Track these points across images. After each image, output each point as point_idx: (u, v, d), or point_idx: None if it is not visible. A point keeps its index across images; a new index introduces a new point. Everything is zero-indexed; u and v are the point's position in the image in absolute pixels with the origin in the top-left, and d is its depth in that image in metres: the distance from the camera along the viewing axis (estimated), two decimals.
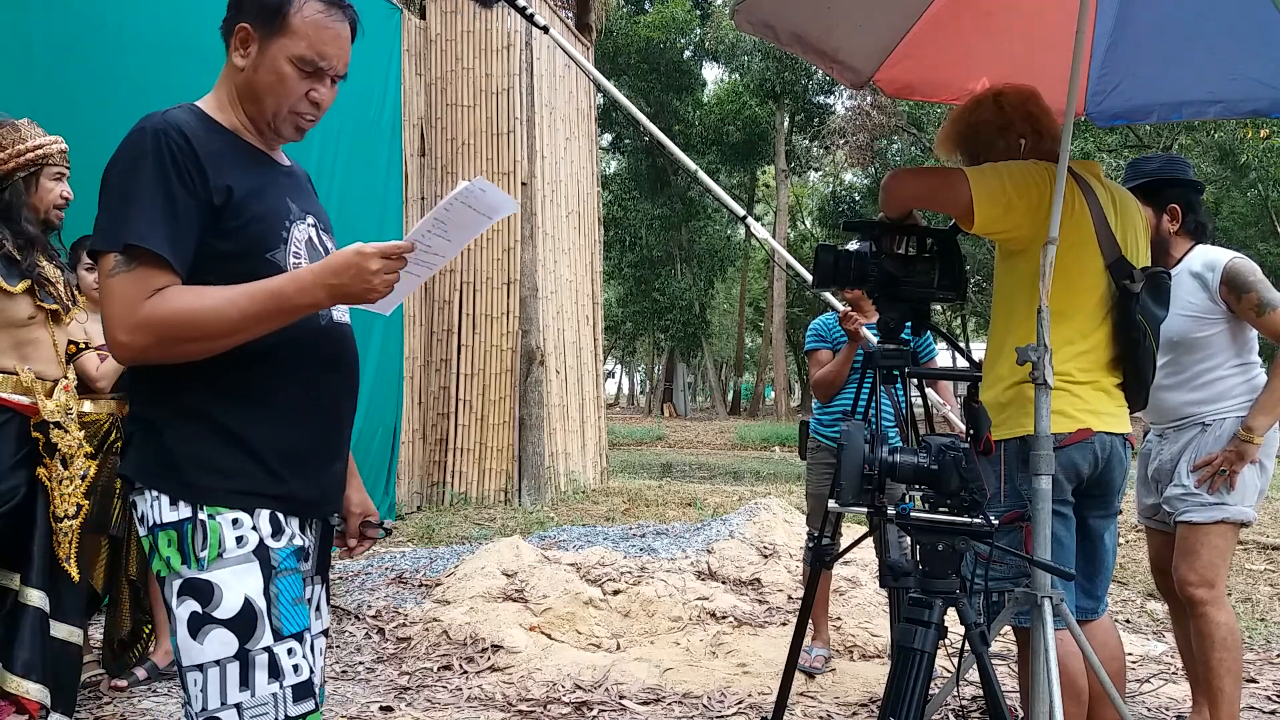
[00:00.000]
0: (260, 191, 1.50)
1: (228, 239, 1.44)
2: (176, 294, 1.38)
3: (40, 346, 2.80)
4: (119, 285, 1.38)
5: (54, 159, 2.81)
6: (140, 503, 1.46)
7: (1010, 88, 2.34)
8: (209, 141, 1.47)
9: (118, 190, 1.44)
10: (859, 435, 1.88)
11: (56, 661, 2.77)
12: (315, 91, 1.56)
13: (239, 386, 1.45)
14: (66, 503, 2.79)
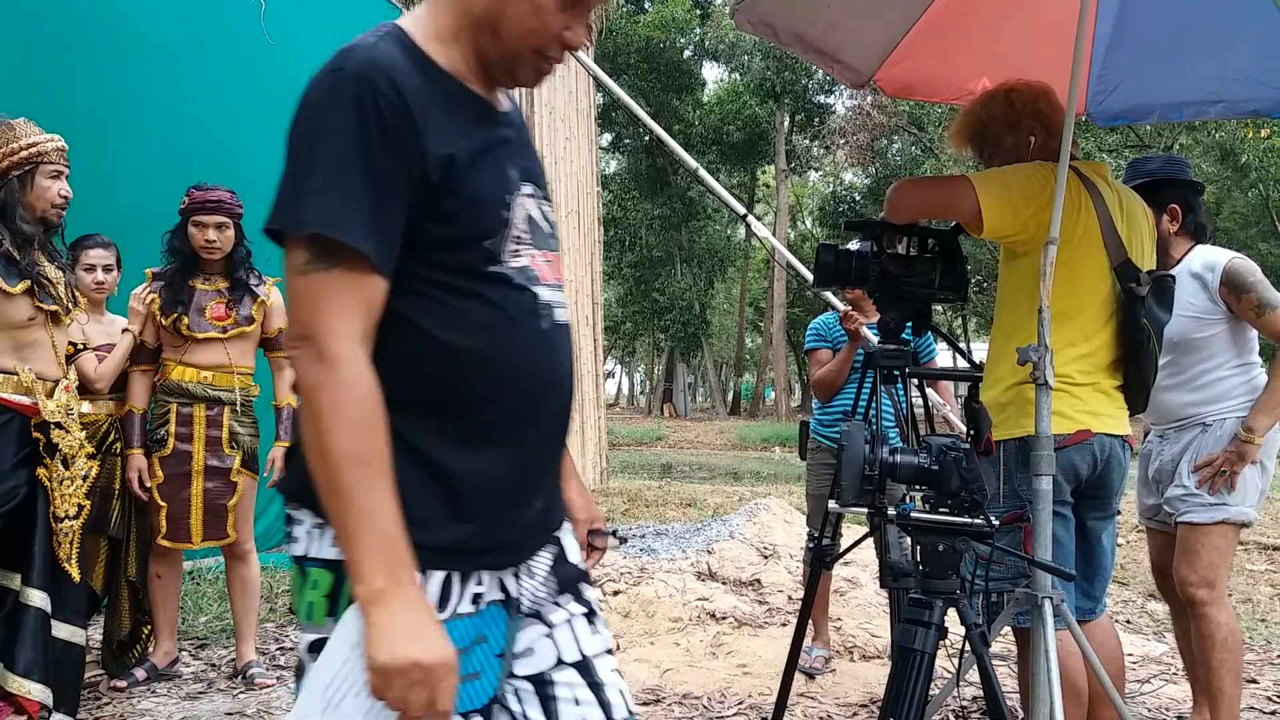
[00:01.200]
0: (483, 159, 1.15)
1: (442, 223, 1.10)
2: (367, 380, 1.05)
3: (40, 348, 2.80)
4: (319, 288, 1.04)
5: (50, 157, 2.80)
6: (298, 525, 1.14)
7: (1023, 84, 2.33)
8: (425, 92, 1.09)
9: (303, 153, 1.09)
10: (859, 436, 1.88)
11: (59, 662, 2.78)
12: (571, 30, 1.20)
13: (443, 405, 1.13)
14: (67, 503, 2.80)
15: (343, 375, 1.03)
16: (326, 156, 1.06)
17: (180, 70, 4.89)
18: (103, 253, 3.35)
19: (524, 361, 1.15)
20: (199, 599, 4.23)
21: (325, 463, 1.02)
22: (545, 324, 1.18)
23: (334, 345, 1.03)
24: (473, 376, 1.12)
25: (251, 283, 3.46)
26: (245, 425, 3.41)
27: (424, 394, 1.11)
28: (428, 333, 1.11)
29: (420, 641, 1.00)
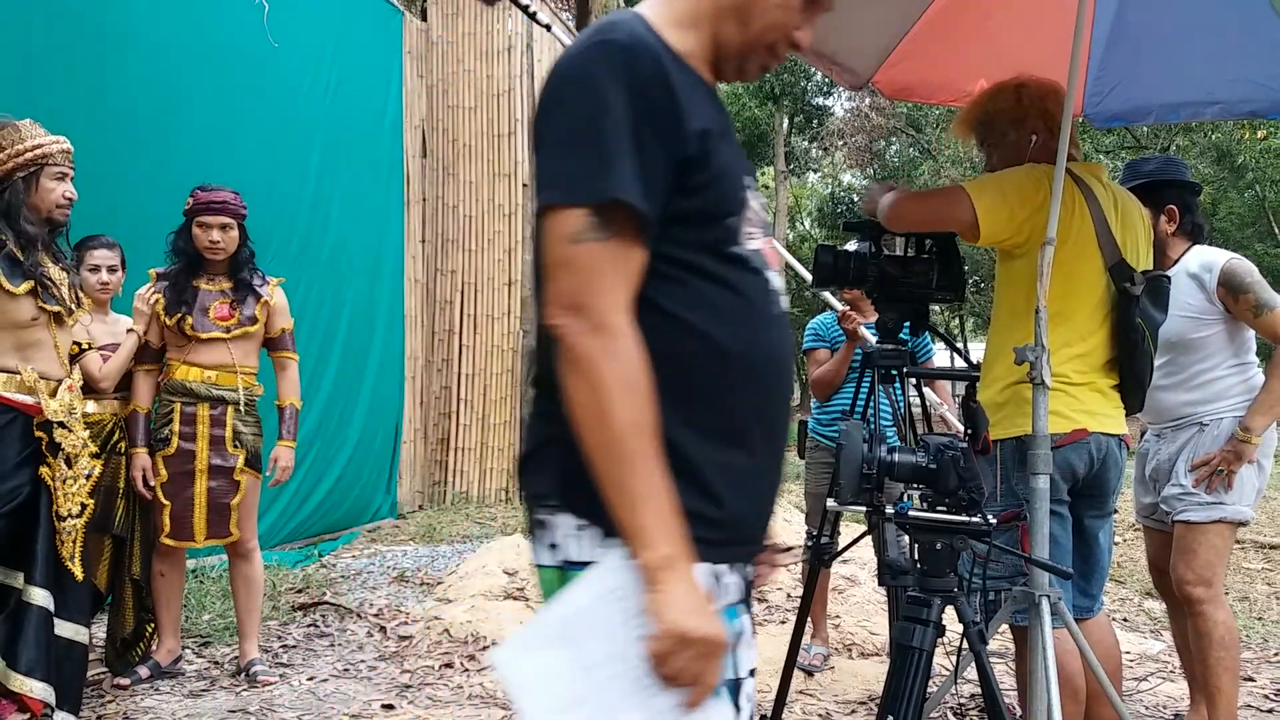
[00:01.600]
0: (724, 137, 1.13)
1: (691, 196, 1.08)
2: (641, 351, 1.02)
3: (43, 348, 2.81)
4: (595, 259, 1.02)
5: (55, 159, 2.80)
6: (556, 529, 1.09)
7: (1034, 81, 2.33)
8: (677, 71, 1.09)
9: (579, 123, 1.04)
10: (857, 434, 1.89)
11: (62, 660, 2.78)
12: (801, 31, 1.21)
13: (694, 394, 1.08)
14: (70, 502, 2.81)
15: (621, 346, 1.01)
16: (606, 126, 1.02)
17: (183, 71, 4.91)
18: (107, 253, 3.36)
19: (767, 348, 1.13)
20: (202, 597, 4.25)
21: (608, 433, 0.99)
22: (776, 310, 1.17)
23: (612, 316, 1.01)
24: (721, 361, 1.09)
25: (255, 283, 3.48)
26: (248, 425, 3.43)
27: (675, 383, 1.06)
28: (675, 317, 1.08)
29: (706, 616, 1.00)
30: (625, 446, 0.99)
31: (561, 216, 1.02)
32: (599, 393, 1.00)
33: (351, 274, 6.39)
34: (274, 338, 3.53)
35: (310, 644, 3.86)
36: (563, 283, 1.03)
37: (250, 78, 5.38)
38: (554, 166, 1.04)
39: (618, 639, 1.01)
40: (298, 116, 5.84)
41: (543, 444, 1.11)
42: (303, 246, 5.82)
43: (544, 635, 1.04)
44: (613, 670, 1.01)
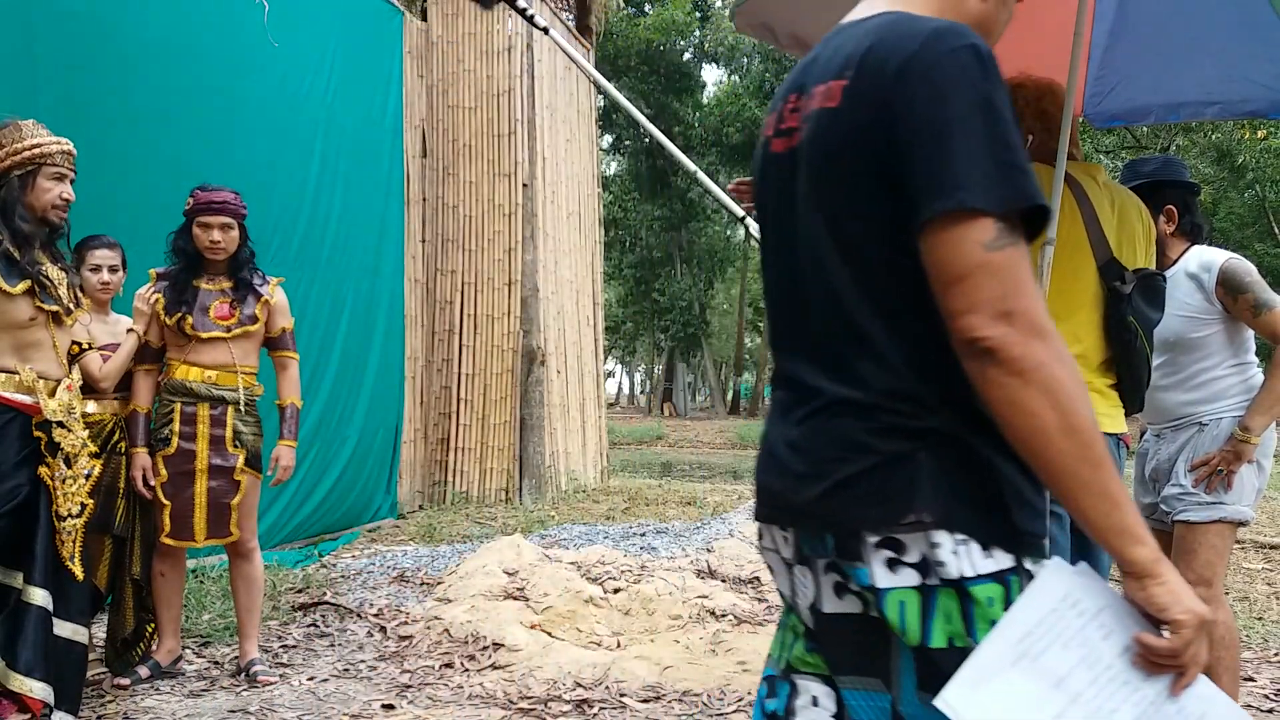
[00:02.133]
0: None
1: None
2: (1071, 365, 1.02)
3: (41, 348, 2.81)
4: (1011, 264, 0.99)
5: (54, 159, 2.80)
6: (920, 548, 1.04)
7: (1031, 81, 2.33)
8: None
9: (975, 127, 1.00)
10: None
11: (61, 660, 2.78)
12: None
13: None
14: (70, 502, 2.81)
15: (1062, 348, 1.00)
16: (1001, 129, 1.01)
17: (183, 72, 4.91)
18: (108, 253, 3.36)
19: None
20: (202, 597, 4.25)
21: (1080, 436, 0.97)
22: None
23: (1044, 320, 1.00)
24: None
25: (255, 282, 3.48)
26: (249, 424, 3.43)
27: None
28: None
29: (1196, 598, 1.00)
30: (1096, 449, 0.98)
31: (977, 221, 0.99)
32: (1061, 399, 0.98)
33: (351, 274, 6.39)
34: (274, 337, 3.53)
35: (310, 644, 3.86)
36: (986, 290, 0.98)
37: (250, 78, 5.38)
38: (962, 170, 0.99)
39: (1089, 642, 1.00)
40: (298, 116, 5.84)
41: (891, 461, 1.05)
42: (303, 246, 5.82)
43: (996, 662, 0.99)
44: (1090, 675, 1.00)
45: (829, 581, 1.14)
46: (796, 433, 1.14)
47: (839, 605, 1.14)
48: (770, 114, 1.25)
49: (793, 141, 1.16)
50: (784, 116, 1.20)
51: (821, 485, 1.09)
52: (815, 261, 1.13)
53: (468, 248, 8.23)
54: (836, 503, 1.08)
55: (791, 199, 1.17)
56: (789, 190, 1.17)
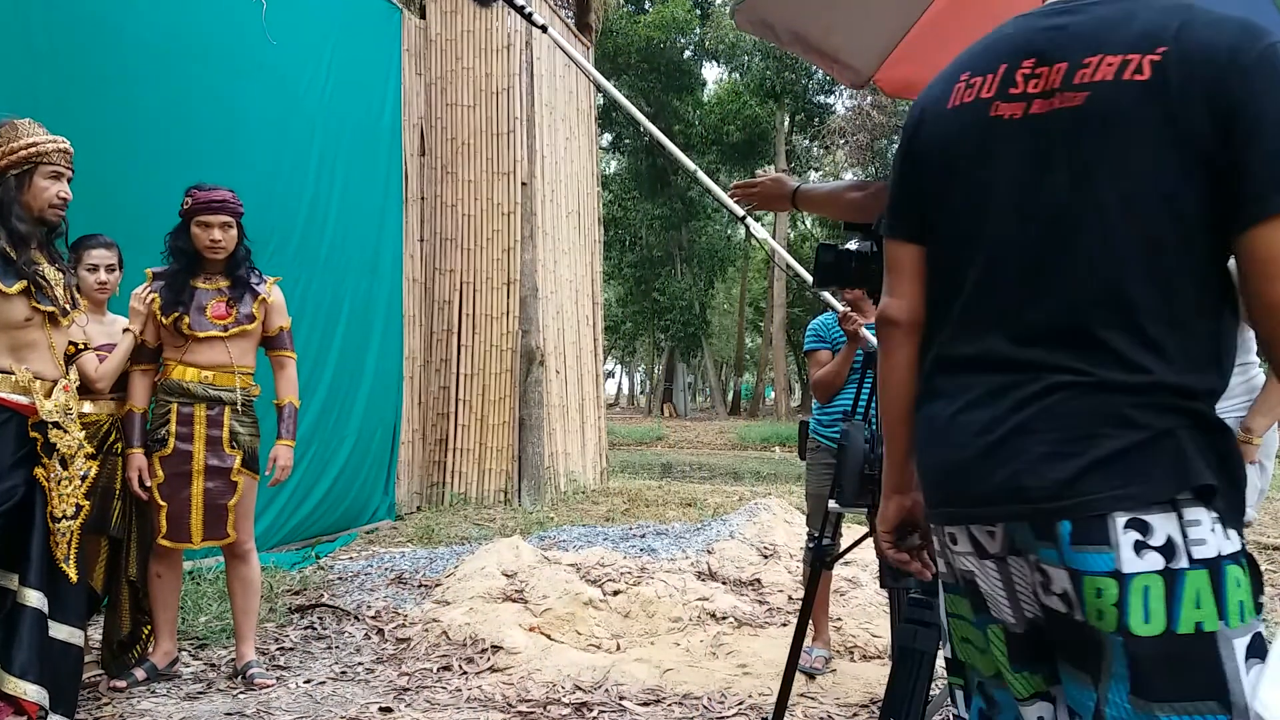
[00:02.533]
0: None
1: None
2: None
3: (37, 348, 2.79)
4: None
5: (51, 158, 2.77)
6: (1194, 528, 1.05)
7: None
8: None
9: None
10: (859, 435, 1.88)
11: (56, 663, 2.76)
12: None
13: None
14: (65, 503, 2.79)
15: None
16: None
17: (181, 70, 4.89)
18: (105, 253, 3.34)
19: None
20: (199, 599, 4.23)
21: None
22: None
23: None
24: None
25: (252, 281, 3.46)
26: (246, 425, 3.41)
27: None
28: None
29: None
30: None
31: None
32: None
33: (350, 273, 6.37)
34: (272, 336, 3.50)
35: (307, 646, 3.84)
36: None
37: (248, 76, 5.36)
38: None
39: None
40: (296, 115, 5.82)
41: (1158, 437, 1.06)
42: (301, 245, 5.80)
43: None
44: None
45: (1038, 576, 1.14)
46: (1026, 414, 1.13)
47: (1051, 600, 1.14)
48: (974, 78, 1.22)
49: (1053, 104, 1.15)
50: (1015, 81, 1.18)
51: (1073, 465, 1.07)
52: (1080, 232, 1.12)
53: (466, 247, 8.21)
54: (1089, 483, 1.07)
55: (1045, 165, 1.15)
56: (1044, 155, 1.16)
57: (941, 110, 1.25)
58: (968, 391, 1.19)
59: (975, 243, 1.22)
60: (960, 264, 1.23)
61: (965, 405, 1.19)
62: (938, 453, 1.23)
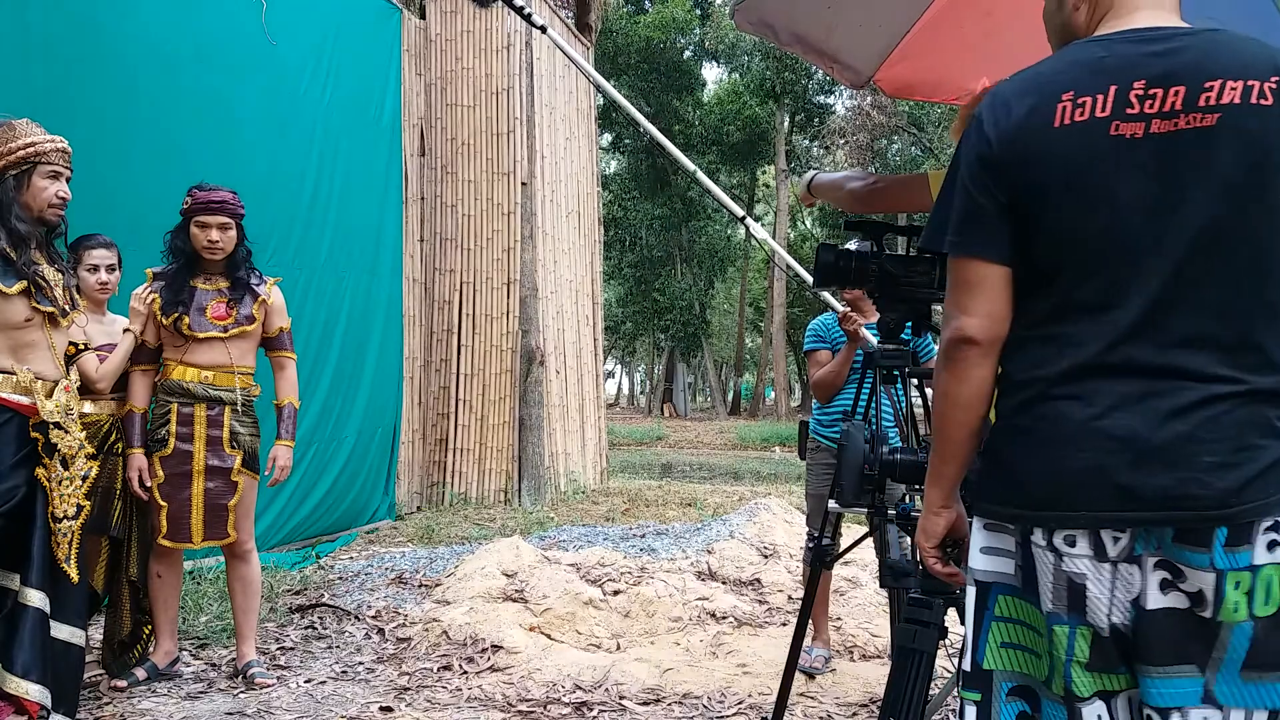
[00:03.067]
0: None
1: None
2: None
3: (37, 348, 2.79)
4: None
5: (49, 157, 2.77)
6: None
7: None
8: None
9: None
10: (859, 435, 1.88)
11: (58, 663, 2.76)
12: None
13: None
14: (66, 503, 2.79)
15: None
16: None
17: (181, 70, 4.89)
18: (105, 253, 3.35)
19: None
20: (199, 598, 4.23)
21: None
22: None
23: None
24: None
25: (252, 282, 3.46)
26: (246, 425, 3.41)
27: None
28: None
29: None
30: None
31: None
32: None
33: (349, 273, 6.37)
34: (272, 337, 3.51)
35: (308, 646, 3.84)
36: None
37: (248, 76, 5.36)
38: None
39: None
40: (296, 115, 5.82)
41: None
42: (300, 245, 5.80)
43: None
44: None
45: (1156, 579, 1.22)
46: (1190, 424, 1.21)
47: (1162, 601, 1.22)
48: (1082, 98, 1.27)
49: (1177, 124, 1.24)
50: (1130, 101, 1.25)
51: (1237, 475, 1.18)
52: (1230, 243, 1.22)
53: (466, 247, 8.21)
54: (1250, 492, 1.18)
55: (1181, 182, 1.24)
56: (1177, 172, 1.24)
57: (1047, 129, 1.28)
58: (1105, 396, 1.24)
59: (1103, 255, 1.27)
60: (1084, 275, 1.28)
61: (1105, 410, 1.24)
62: (1068, 456, 1.25)
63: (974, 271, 1.34)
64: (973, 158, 1.33)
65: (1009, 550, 1.33)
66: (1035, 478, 1.28)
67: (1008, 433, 1.33)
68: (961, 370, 1.34)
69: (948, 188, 1.36)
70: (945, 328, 1.36)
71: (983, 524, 1.36)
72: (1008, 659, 1.34)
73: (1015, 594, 1.33)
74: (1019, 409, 1.32)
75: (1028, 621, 1.32)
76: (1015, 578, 1.32)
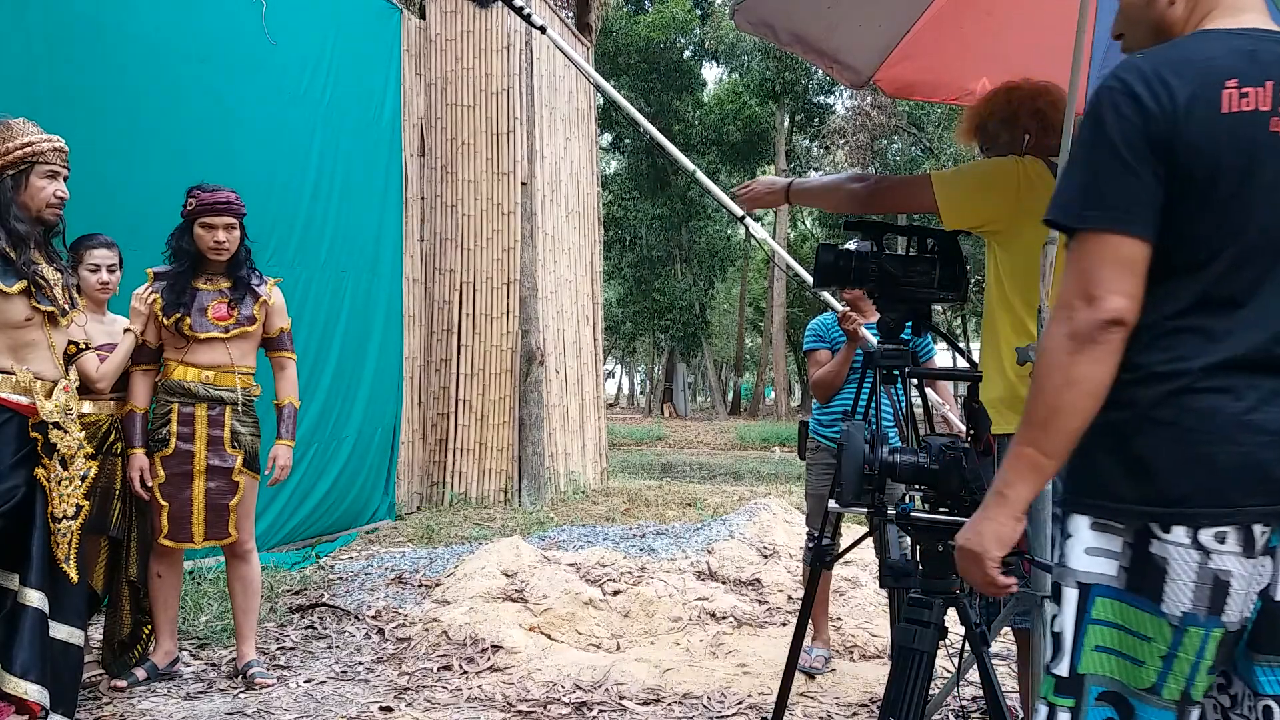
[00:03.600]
0: None
1: None
2: None
3: (37, 348, 2.79)
4: None
5: (46, 156, 2.76)
6: None
7: (1026, 82, 2.35)
8: None
9: None
10: (859, 435, 1.88)
11: (57, 662, 2.76)
12: None
13: None
14: (65, 503, 2.79)
15: None
16: None
17: (181, 70, 4.89)
18: (106, 252, 3.35)
19: None
20: (199, 598, 4.23)
21: None
22: None
23: None
24: None
25: (253, 282, 3.46)
26: (247, 425, 3.41)
27: None
28: None
29: None
30: None
31: None
32: None
33: (349, 273, 6.37)
34: (272, 338, 3.51)
35: (308, 646, 3.84)
36: None
37: (248, 76, 5.36)
38: None
39: None
40: (296, 115, 5.82)
41: None
42: (300, 245, 5.80)
43: None
44: None
45: None
46: None
47: None
48: (1246, 88, 1.27)
49: None
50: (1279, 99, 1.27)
51: None
52: None
53: (466, 247, 8.21)
54: None
55: None
56: None
57: (1215, 114, 1.26)
58: (1254, 391, 1.24)
59: (1260, 249, 1.27)
60: (1238, 267, 1.27)
61: (1256, 404, 1.24)
62: (1221, 450, 1.24)
63: (1121, 249, 1.25)
64: (1131, 132, 1.26)
65: (1114, 551, 1.27)
66: (1180, 473, 1.24)
67: (1143, 426, 1.26)
68: (1103, 355, 1.25)
69: (1082, 164, 1.29)
70: (1077, 310, 1.26)
71: (1090, 522, 1.30)
72: (1100, 663, 1.29)
73: (1117, 596, 1.28)
74: (1160, 402, 1.26)
75: (1129, 626, 1.27)
76: (1118, 580, 1.27)
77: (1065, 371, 1.26)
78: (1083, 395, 1.27)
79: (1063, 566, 1.33)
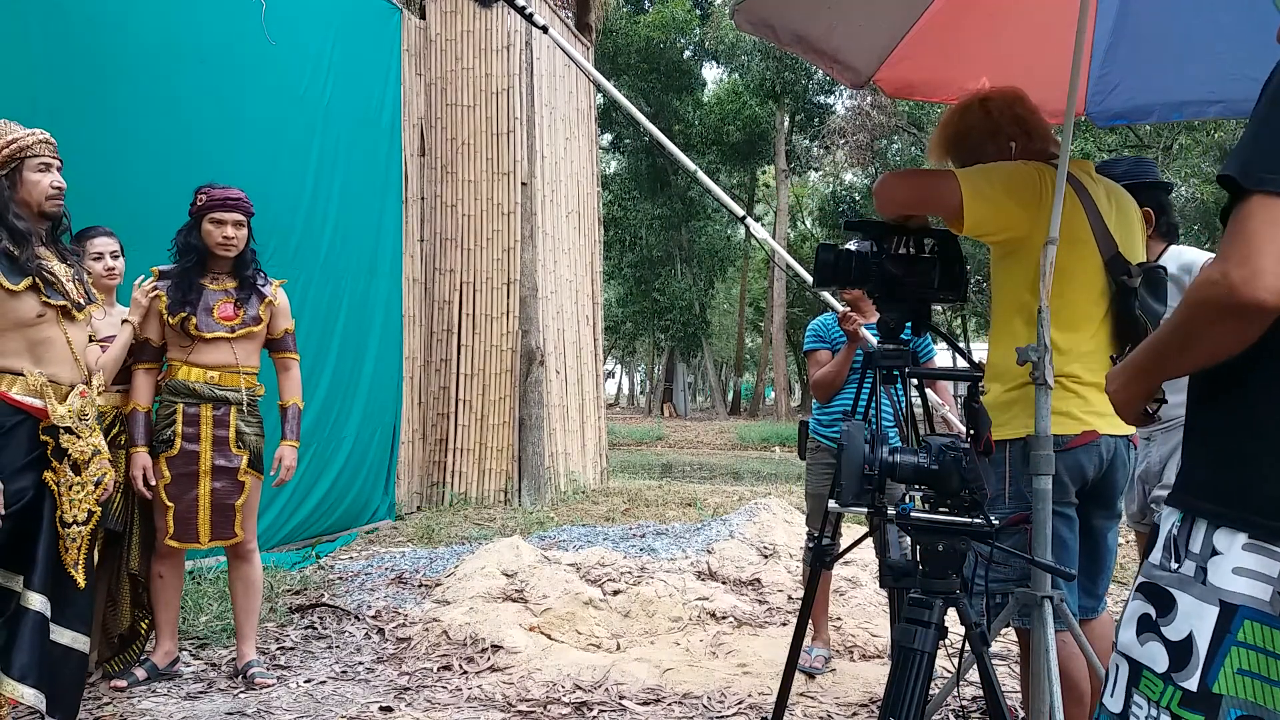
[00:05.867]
0: None
1: None
2: None
3: (53, 346, 2.76)
4: None
5: (34, 150, 2.75)
6: None
7: (996, 92, 2.33)
8: None
9: None
10: (859, 435, 1.88)
11: (57, 667, 2.74)
12: None
13: None
14: (76, 509, 2.76)
15: None
16: None
17: (181, 70, 4.89)
18: (107, 240, 3.39)
19: None
20: (199, 598, 4.23)
21: None
22: None
23: None
24: None
25: (259, 283, 3.47)
26: (251, 425, 3.42)
27: None
28: None
29: None
30: None
31: None
32: None
33: (349, 273, 6.37)
34: (276, 339, 3.52)
35: (308, 646, 3.85)
36: None
37: (248, 76, 5.36)
38: None
39: None
40: (295, 115, 5.82)
41: None
42: (300, 245, 5.80)
43: None
44: None
45: None
46: None
47: None
48: None
49: None
50: None
51: None
52: None
53: (466, 247, 8.21)
54: None
55: None
56: None
57: None
58: None
59: None
60: None
61: None
62: None
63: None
64: None
65: (1271, 576, 1.18)
66: None
67: None
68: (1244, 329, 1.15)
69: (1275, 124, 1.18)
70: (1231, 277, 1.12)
71: (1244, 541, 1.20)
72: (1244, 687, 1.21)
73: (1268, 622, 1.19)
74: None
75: (1277, 652, 1.20)
76: (1271, 606, 1.18)
77: (1199, 337, 1.20)
78: (1203, 356, 1.21)
79: (1203, 584, 1.23)
